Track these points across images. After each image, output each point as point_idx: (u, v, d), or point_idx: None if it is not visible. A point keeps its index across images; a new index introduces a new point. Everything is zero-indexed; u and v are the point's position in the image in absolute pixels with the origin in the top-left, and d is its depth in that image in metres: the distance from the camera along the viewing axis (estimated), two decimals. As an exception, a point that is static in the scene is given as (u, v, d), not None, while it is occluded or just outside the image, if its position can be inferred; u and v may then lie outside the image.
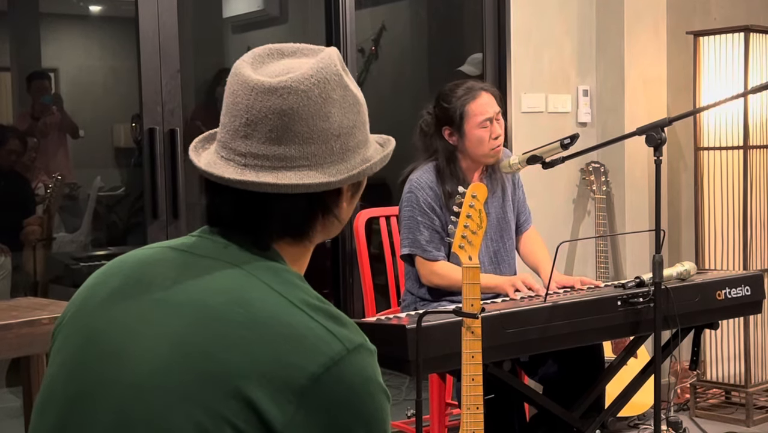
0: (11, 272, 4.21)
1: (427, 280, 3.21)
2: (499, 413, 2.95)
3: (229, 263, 1.20)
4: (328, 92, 1.22)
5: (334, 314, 1.17)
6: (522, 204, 3.45)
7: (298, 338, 1.12)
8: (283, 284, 1.18)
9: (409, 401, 4.30)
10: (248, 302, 1.15)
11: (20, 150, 4.44)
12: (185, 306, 1.16)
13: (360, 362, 1.14)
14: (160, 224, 3.49)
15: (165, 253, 1.26)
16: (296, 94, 1.21)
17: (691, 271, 3.08)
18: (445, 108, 3.23)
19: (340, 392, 1.11)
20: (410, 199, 3.21)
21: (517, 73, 4.38)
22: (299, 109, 1.21)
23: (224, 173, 1.22)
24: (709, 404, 4.59)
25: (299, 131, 1.21)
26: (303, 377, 1.10)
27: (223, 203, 1.24)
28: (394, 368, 2.59)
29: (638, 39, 4.57)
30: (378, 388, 1.15)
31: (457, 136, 3.22)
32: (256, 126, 1.21)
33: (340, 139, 1.24)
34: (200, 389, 1.10)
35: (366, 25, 5.77)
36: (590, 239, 4.52)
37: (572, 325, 2.76)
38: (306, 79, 1.21)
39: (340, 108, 1.24)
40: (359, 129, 1.28)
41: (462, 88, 3.22)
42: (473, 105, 3.19)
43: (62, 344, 1.25)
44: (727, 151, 4.40)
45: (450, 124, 3.22)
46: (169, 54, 3.54)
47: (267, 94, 1.21)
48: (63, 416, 1.19)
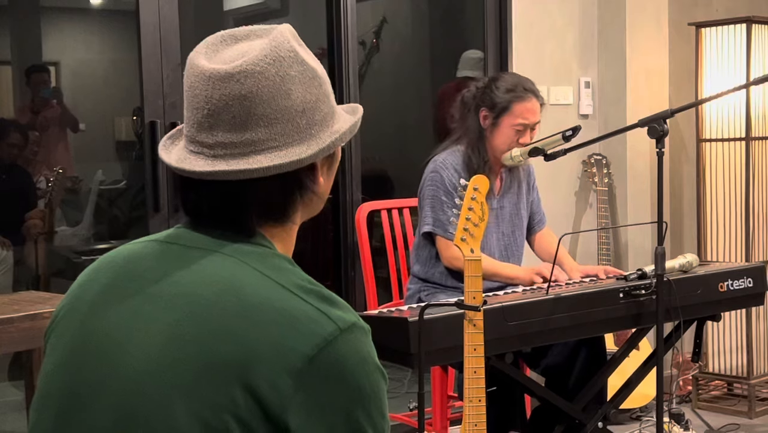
0: (13, 265, 4.21)
1: (448, 262, 3.19)
2: (501, 405, 2.95)
3: (218, 252, 1.20)
4: (285, 70, 1.21)
5: (325, 295, 1.17)
6: (537, 205, 3.46)
7: (291, 322, 1.12)
8: (273, 268, 1.18)
9: (411, 393, 4.29)
10: (240, 290, 1.15)
11: (21, 144, 4.44)
12: (177, 298, 1.16)
13: (354, 341, 1.14)
14: (162, 218, 3.49)
15: (153, 246, 1.26)
16: (253, 76, 1.19)
17: (693, 263, 3.07)
18: (492, 92, 3.22)
19: (335, 372, 1.11)
20: (434, 179, 3.19)
21: (519, 65, 4.37)
22: (258, 91, 1.20)
23: (195, 167, 1.21)
24: (712, 395, 4.59)
25: (262, 113, 1.20)
26: (298, 359, 1.10)
27: (200, 198, 1.24)
28: (396, 361, 2.59)
29: (640, 30, 4.56)
30: (373, 366, 1.15)
31: (490, 122, 3.22)
32: (218, 115, 1.20)
33: (305, 115, 1.23)
34: (198, 380, 1.10)
35: (367, 17, 5.76)
36: (592, 231, 4.52)
37: (574, 317, 2.75)
38: (260, 60, 1.20)
39: (300, 84, 1.23)
40: (323, 102, 1.26)
41: (515, 83, 3.22)
42: (519, 105, 3.18)
43: (56, 342, 1.25)
44: (730, 143, 4.39)
45: (490, 109, 3.22)
46: (170, 47, 3.53)
47: (224, 81, 1.20)
48: (62, 414, 1.19)
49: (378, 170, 5.56)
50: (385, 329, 2.59)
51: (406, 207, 3.74)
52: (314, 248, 4.58)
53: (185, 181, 1.24)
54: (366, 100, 4.50)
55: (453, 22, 5.96)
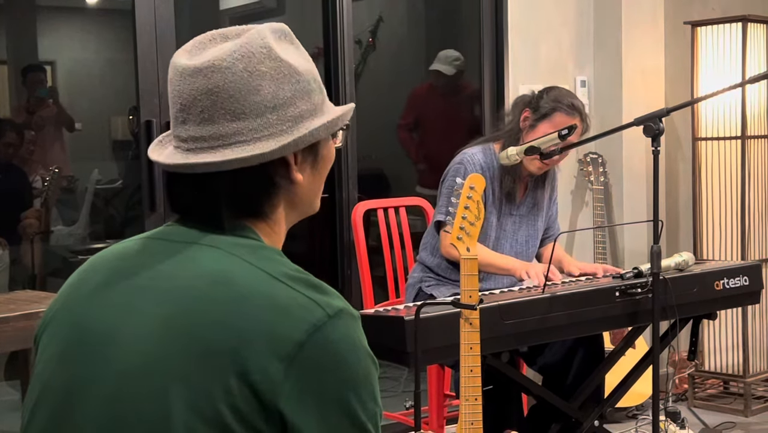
0: (9, 265, 4.21)
1: (446, 251, 3.19)
2: (497, 404, 2.95)
3: (206, 246, 1.21)
4: (254, 65, 1.22)
5: (314, 283, 1.18)
6: (553, 220, 3.47)
7: (281, 309, 1.13)
8: (262, 259, 1.19)
9: (407, 392, 4.29)
10: (230, 280, 1.16)
11: (17, 143, 4.44)
12: (169, 292, 1.17)
13: (342, 327, 1.14)
14: (158, 217, 3.49)
15: (144, 243, 1.28)
16: (220, 71, 1.21)
17: (689, 261, 3.08)
18: (541, 97, 3.23)
19: (325, 357, 1.12)
20: (458, 171, 3.19)
21: (515, 64, 4.38)
22: (225, 85, 1.21)
23: (168, 159, 1.24)
24: (708, 394, 4.59)
25: (229, 108, 1.21)
26: (288, 345, 1.10)
27: (181, 192, 1.26)
28: (393, 360, 2.59)
29: (636, 29, 4.57)
30: (363, 351, 1.16)
31: (528, 124, 3.22)
32: (189, 110, 1.22)
33: (276, 111, 1.23)
34: (192, 371, 1.11)
35: (363, 16, 5.76)
36: (588, 230, 4.52)
37: (570, 316, 2.76)
38: (228, 55, 1.21)
39: (272, 80, 1.23)
40: (301, 99, 1.25)
41: (565, 95, 3.22)
42: (561, 116, 3.17)
43: (49, 341, 1.25)
44: (725, 142, 4.40)
45: (533, 110, 3.22)
46: (166, 46, 3.53)
47: (192, 76, 1.22)
48: (56, 412, 1.19)
49: (374, 169, 5.56)
50: (382, 327, 2.59)
51: (403, 206, 3.74)
52: (310, 247, 4.58)
53: (169, 176, 1.26)
54: (362, 99, 4.49)
55: (449, 21, 5.96)
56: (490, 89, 4.46)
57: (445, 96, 5.36)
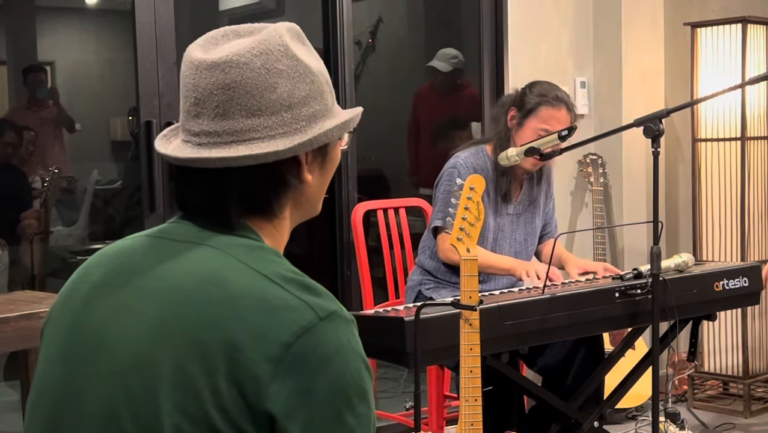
0: (8, 265, 4.21)
1: (443, 254, 3.19)
2: (497, 405, 2.95)
3: (203, 245, 1.20)
4: (272, 63, 1.22)
5: (308, 285, 1.17)
6: (550, 217, 3.46)
7: (272, 310, 1.12)
8: (258, 260, 1.18)
9: (407, 393, 4.29)
10: (223, 280, 1.15)
11: (17, 143, 4.43)
12: (163, 290, 1.17)
13: (333, 330, 1.13)
14: (158, 217, 3.49)
15: (143, 241, 1.28)
16: (238, 67, 1.20)
17: (688, 262, 3.08)
18: (524, 94, 3.23)
19: (313, 359, 1.11)
20: (452, 175, 3.18)
21: (514, 65, 4.38)
22: (242, 81, 1.20)
23: (178, 153, 1.23)
24: (707, 395, 4.59)
25: (245, 104, 1.21)
26: (276, 347, 1.10)
27: (187, 187, 1.25)
28: (393, 361, 2.59)
29: (636, 30, 4.57)
30: (354, 354, 1.14)
31: (516, 123, 3.22)
32: (204, 104, 1.22)
33: (291, 110, 1.23)
34: (182, 371, 1.11)
35: (363, 17, 5.76)
36: (588, 231, 4.52)
37: (570, 316, 2.76)
38: (247, 51, 1.21)
39: (289, 78, 1.23)
40: (315, 99, 1.26)
41: (549, 89, 3.22)
42: (547, 110, 3.17)
43: (49, 340, 1.26)
44: (725, 143, 4.40)
45: (519, 108, 3.22)
46: (166, 47, 3.53)
47: (209, 70, 1.21)
48: (54, 411, 1.20)
49: (374, 170, 5.56)
50: (381, 328, 2.59)
51: (402, 207, 3.74)
52: (310, 248, 4.58)
53: (176, 171, 1.25)
54: (362, 99, 4.49)
55: (449, 21, 5.96)
56: (490, 90, 4.46)
57: (441, 94, 5.35)
